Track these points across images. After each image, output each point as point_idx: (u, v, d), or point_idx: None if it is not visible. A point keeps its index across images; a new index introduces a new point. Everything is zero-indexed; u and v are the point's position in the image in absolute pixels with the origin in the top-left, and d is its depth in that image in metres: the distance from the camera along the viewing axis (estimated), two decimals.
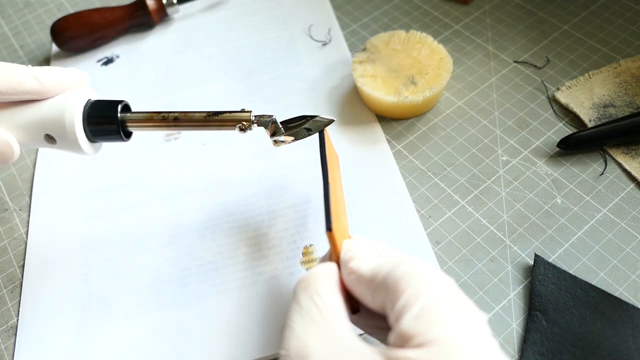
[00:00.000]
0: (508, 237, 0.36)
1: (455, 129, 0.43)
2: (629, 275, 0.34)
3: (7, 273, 0.39)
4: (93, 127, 0.32)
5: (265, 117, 0.32)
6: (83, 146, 0.32)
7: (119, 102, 0.32)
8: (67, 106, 0.31)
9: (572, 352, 0.31)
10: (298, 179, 0.41)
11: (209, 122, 0.32)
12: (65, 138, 0.31)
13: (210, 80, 0.49)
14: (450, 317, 0.22)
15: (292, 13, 0.54)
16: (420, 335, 0.21)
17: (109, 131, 0.32)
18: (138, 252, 0.39)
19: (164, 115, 0.32)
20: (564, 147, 0.39)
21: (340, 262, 0.28)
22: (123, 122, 0.32)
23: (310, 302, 0.25)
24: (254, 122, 0.32)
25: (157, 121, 0.32)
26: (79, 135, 0.31)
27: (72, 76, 0.32)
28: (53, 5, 0.61)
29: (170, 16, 0.56)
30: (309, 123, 0.33)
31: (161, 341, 0.34)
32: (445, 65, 0.42)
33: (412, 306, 0.22)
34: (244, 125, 0.32)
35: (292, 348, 0.23)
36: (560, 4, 0.50)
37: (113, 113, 0.32)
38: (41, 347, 0.35)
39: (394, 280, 0.24)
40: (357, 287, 0.26)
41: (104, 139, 0.33)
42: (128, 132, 0.34)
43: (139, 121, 0.33)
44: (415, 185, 0.40)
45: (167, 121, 0.32)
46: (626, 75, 0.43)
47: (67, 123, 0.31)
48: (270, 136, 0.33)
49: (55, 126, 0.31)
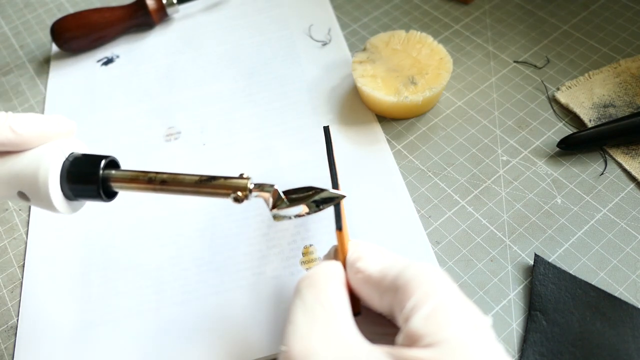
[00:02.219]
0: (508, 237, 0.36)
1: (455, 129, 0.43)
2: (629, 275, 0.34)
3: (7, 273, 0.39)
4: (72, 186, 0.29)
5: (266, 187, 0.28)
6: (57, 206, 0.29)
7: (103, 158, 0.29)
8: (43, 162, 0.28)
9: (572, 352, 0.31)
10: (298, 179, 0.41)
11: (200, 188, 0.28)
12: (39, 197, 0.28)
13: (210, 80, 0.49)
14: (459, 318, 0.22)
15: (292, 13, 0.54)
16: (430, 335, 0.21)
17: (87, 190, 0.29)
18: (138, 252, 0.39)
19: (151, 177, 0.29)
20: (564, 147, 0.39)
21: (346, 263, 0.27)
22: (106, 181, 0.29)
23: (315, 299, 0.25)
24: (251, 192, 0.28)
25: (142, 182, 0.29)
26: (53, 195, 0.28)
27: (56, 125, 0.29)
28: (53, 5, 0.61)
29: (170, 16, 0.56)
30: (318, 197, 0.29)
31: (161, 341, 0.34)
32: (445, 65, 0.42)
33: (422, 307, 0.22)
34: (239, 196, 0.28)
35: (295, 345, 0.23)
36: (560, 4, 0.50)
37: (94, 170, 0.28)
38: (41, 347, 0.35)
39: (403, 281, 0.24)
40: (364, 287, 0.26)
41: (84, 198, 0.30)
42: (112, 192, 0.30)
43: (123, 181, 0.29)
44: (415, 185, 0.40)
45: (153, 183, 0.29)
46: (626, 75, 0.43)
47: (41, 181, 0.27)
48: (271, 209, 0.29)
49: (28, 184, 0.28)
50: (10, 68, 0.54)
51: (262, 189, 0.28)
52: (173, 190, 0.29)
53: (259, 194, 0.28)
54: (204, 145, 0.44)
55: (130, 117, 0.47)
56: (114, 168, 0.30)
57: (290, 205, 0.29)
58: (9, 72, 0.54)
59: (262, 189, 0.28)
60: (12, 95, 0.52)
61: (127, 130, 0.46)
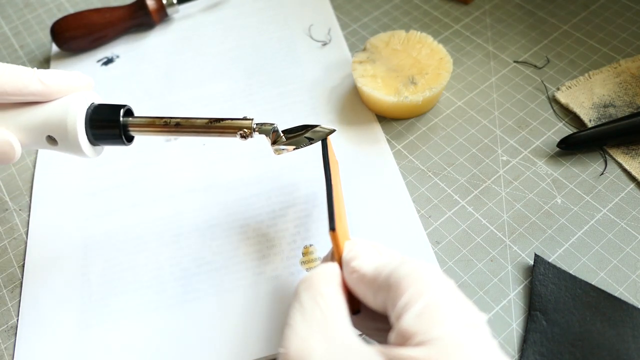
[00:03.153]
0: (508, 237, 0.36)
1: (455, 129, 0.43)
2: (629, 275, 0.34)
3: (7, 273, 0.39)
4: (95, 131, 0.32)
5: (267, 125, 0.32)
6: (84, 149, 0.32)
7: (122, 107, 0.33)
8: (70, 109, 0.31)
9: (572, 352, 0.31)
10: (298, 179, 0.41)
11: (211, 128, 0.32)
12: (67, 140, 0.31)
13: (210, 80, 0.49)
14: (451, 316, 0.22)
15: (292, 13, 0.54)
16: (421, 333, 0.21)
17: (110, 135, 0.32)
18: (138, 252, 0.39)
19: (166, 121, 0.32)
20: (564, 147, 0.39)
21: (342, 262, 0.28)
22: (125, 127, 0.32)
23: (313, 301, 0.25)
24: (255, 130, 0.32)
25: (158, 126, 0.33)
26: (81, 138, 0.31)
27: (77, 79, 0.32)
28: (53, 5, 0.61)
29: (170, 16, 0.56)
30: (310, 132, 0.34)
31: (161, 341, 0.34)
32: (445, 65, 0.42)
33: (413, 305, 0.22)
34: (245, 132, 0.32)
35: (293, 347, 0.23)
36: (560, 4, 0.50)
37: (115, 117, 0.32)
38: (41, 347, 0.35)
39: (396, 279, 0.24)
40: (359, 286, 0.26)
41: (105, 143, 0.33)
42: (130, 137, 0.34)
43: (141, 126, 0.33)
44: (415, 185, 0.40)
45: (168, 126, 0.32)
46: (626, 75, 0.43)
47: (70, 125, 0.31)
48: (272, 144, 0.33)
49: (57, 128, 0.31)
50: None
51: (264, 125, 0.32)
52: (186, 132, 0.32)
53: (261, 130, 0.32)
54: (204, 145, 0.44)
55: None
56: (131, 116, 0.33)
57: (287, 140, 0.33)
58: None
59: (264, 126, 0.32)
60: None
61: None
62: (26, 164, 0.46)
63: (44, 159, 0.45)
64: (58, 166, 0.45)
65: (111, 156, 0.44)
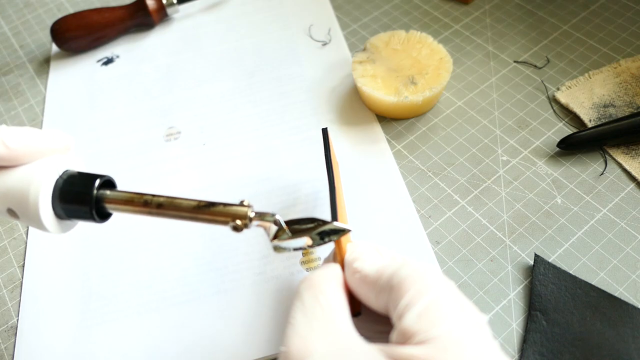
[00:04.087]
0: (508, 237, 0.36)
1: (455, 129, 0.43)
2: (629, 275, 0.34)
3: (7, 273, 0.39)
4: (64, 205, 0.27)
5: (267, 216, 0.27)
6: (47, 226, 0.27)
7: (99, 177, 0.28)
8: (35, 179, 0.26)
9: (572, 352, 0.31)
10: (298, 179, 0.41)
11: (198, 214, 0.27)
12: (28, 216, 0.27)
13: (210, 80, 0.49)
14: (452, 316, 0.22)
15: (292, 13, 0.54)
16: (422, 332, 0.22)
17: (80, 211, 0.27)
18: (138, 252, 0.39)
19: (146, 200, 0.27)
20: (564, 147, 0.39)
21: (344, 264, 0.28)
22: (100, 201, 0.27)
23: (314, 300, 0.25)
24: (251, 220, 0.26)
25: (137, 205, 0.27)
26: (43, 215, 0.27)
27: (51, 141, 0.27)
28: (53, 5, 0.61)
29: (170, 16, 0.56)
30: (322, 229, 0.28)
31: (161, 341, 0.34)
32: (445, 65, 0.42)
33: (414, 305, 0.22)
34: (238, 225, 0.26)
35: (294, 345, 0.23)
36: (560, 4, 0.50)
37: (88, 190, 0.27)
38: (41, 347, 0.35)
39: (398, 280, 0.24)
40: (361, 287, 0.26)
41: (77, 219, 0.28)
42: (106, 213, 0.29)
43: (118, 202, 0.28)
44: (415, 185, 0.40)
45: (149, 206, 0.27)
46: (626, 75, 0.43)
47: (31, 199, 0.26)
48: (271, 239, 0.28)
49: (18, 202, 0.26)
50: (10, 68, 0.54)
51: (263, 218, 0.27)
52: (170, 215, 0.27)
53: (259, 224, 0.27)
54: (204, 145, 0.44)
55: (130, 117, 0.47)
56: (109, 188, 0.28)
57: (292, 237, 0.28)
58: (9, 72, 0.54)
59: (262, 218, 0.27)
60: (12, 95, 0.52)
61: (127, 130, 0.46)
62: None
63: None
64: None
65: (111, 156, 0.44)
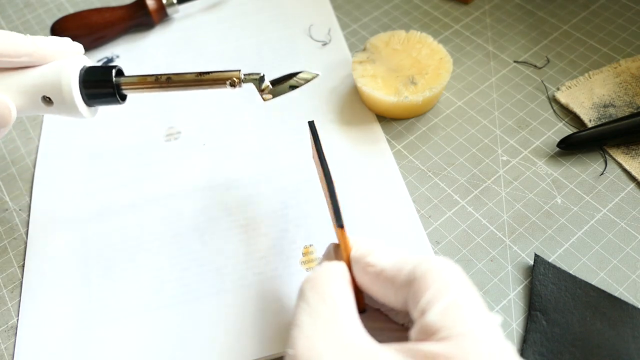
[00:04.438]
0: (508, 237, 0.36)
1: (455, 129, 0.43)
2: (629, 275, 0.34)
3: (7, 273, 0.39)
4: (89, 91, 0.33)
5: (254, 75, 0.34)
6: (79, 107, 0.33)
7: (113, 67, 0.34)
8: (64, 69, 0.32)
9: (572, 352, 0.31)
10: (298, 178, 0.41)
11: (201, 81, 0.33)
12: (62, 99, 0.32)
13: None
14: (474, 314, 0.22)
15: (292, 13, 0.54)
16: (447, 329, 0.22)
17: (104, 94, 0.33)
18: (138, 252, 0.39)
19: (157, 77, 0.34)
20: (564, 147, 0.39)
21: (351, 259, 0.27)
22: (118, 86, 0.34)
23: (321, 301, 0.24)
24: (243, 80, 0.33)
25: (150, 83, 0.34)
26: (76, 96, 0.32)
27: (68, 45, 0.33)
28: (53, 5, 0.61)
29: (170, 16, 0.56)
30: (294, 79, 0.35)
31: (161, 341, 0.34)
32: (445, 65, 0.42)
33: (439, 300, 0.22)
34: (234, 81, 0.33)
35: (302, 348, 0.23)
36: (560, 4, 0.50)
37: (108, 77, 0.33)
38: (41, 347, 0.35)
39: (420, 274, 0.24)
40: (376, 282, 0.26)
41: (100, 102, 0.34)
42: (123, 96, 0.35)
43: (133, 84, 0.34)
44: (415, 185, 0.40)
45: (159, 82, 0.33)
46: (626, 75, 0.43)
47: (64, 84, 0.32)
48: (260, 92, 0.35)
49: (52, 88, 0.32)
50: None
51: (251, 75, 0.34)
52: (177, 86, 0.34)
53: (249, 79, 0.34)
54: (204, 145, 0.44)
55: (130, 117, 0.47)
56: (122, 76, 0.34)
57: (274, 87, 0.35)
58: None
59: (251, 76, 0.34)
60: None
61: (127, 130, 0.46)
62: (26, 164, 0.46)
63: (44, 159, 0.45)
64: (58, 167, 0.45)
65: (111, 156, 0.45)
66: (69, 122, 0.48)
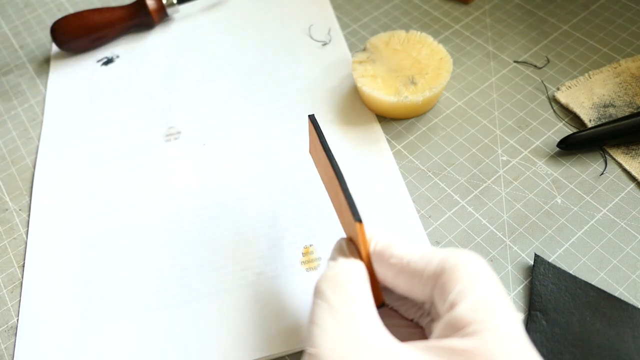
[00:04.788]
0: (508, 237, 0.36)
1: (455, 129, 0.43)
2: (629, 275, 0.34)
3: (7, 273, 0.39)
4: None
5: None
6: None
7: None
8: None
9: (572, 352, 0.31)
10: (298, 178, 0.41)
11: None
12: None
13: (210, 80, 0.49)
14: (502, 309, 0.22)
15: (292, 13, 0.54)
16: (476, 323, 0.21)
17: None
18: (138, 252, 0.39)
19: None
20: (564, 147, 0.39)
21: (372, 253, 0.27)
22: None
23: (342, 301, 0.24)
24: None
25: None
26: None
27: None
28: (53, 5, 0.61)
29: (170, 16, 0.56)
30: None
31: (161, 341, 0.34)
32: (445, 65, 0.42)
33: (469, 294, 0.22)
34: None
35: (326, 348, 0.22)
36: (560, 4, 0.50)
37: None
38: (41, 347, 0.35)
39: (450, 266, 0.24)
40: (400, 275, 0.25)
41: None
42: None
43: None
44: (415, 185, 0.40)
45: None
46: (626, 75, 0.43)
47: None
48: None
49: None
50: (10, 68, 0.54)
51: None
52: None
53: None
54: (204, 145, 0.44)
55: (130, 117, 0.47)
56: None
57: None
58: (9, 72, 0.54)
59: None
60: (12, 95, 0.52)
61: (127, 130, 0.46)
62: (26, 164, 0.46)
63: (44, 159, 0.45)
64: (58, 166, 0.45)
65: (111, 156, 0.45)
66: (69, 123, 0.48)
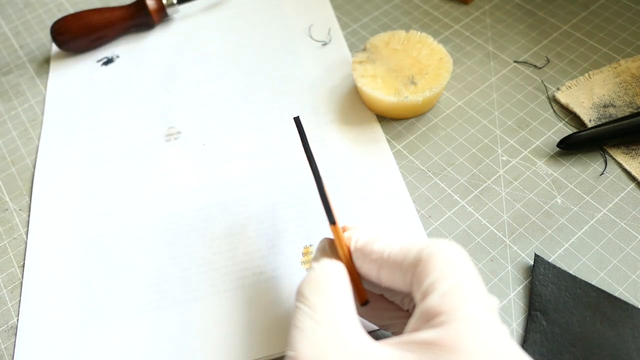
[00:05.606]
0: (508, 237, 0.36)
1: (455, 129, 0.43)
2: (629, 275, 0.34)
3: (7, 273, 0.39)
4: None
5: None
6: None
7: None
8: None
9: (572, 352, 0.31)
10: (297, 178, 0.41)
11: None
12: None
13: (210, 80, 0.49)
14: (474, 298, 0.22)
15: (292, 13, 0.54)
16: (445, 314, 0.22)
17: None
18: (138, 252, 0.39)
19: None
20: (564, 147, 0.39)
21: (353, 251, 0.27)
22: None
23: (321, 304, 0.24)
24: None
25: None
26: None
27: None
28: (53, 5, 0.61)
29: (170, 16, 0.56)
30: None
31: (161, 341, 0.34)
32: (445, 65, 0.42)
33: (441, 284, 0.22)
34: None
35: (305, 350, 0.23)
36: (560, 4, 0.50)
37: None
38: (41, 347, 0.35)
39: (426, 256, 0.24)
40: (383, 268, 0.26)
41: None
42: None
43: None
44: (415, 185, 0.40)
45: None
46: (626, 75, 0.43)
47: None
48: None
49: None
50: (10, 68, 0.54)
51: None
52: None
53: None
54: (204, 145, 0.44)
55: (130, 117, 0.47)
56: None
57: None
58: (9, 72, 0.54)
59: None
60: (12, 95, 0.52)
61: (127, 130, 0.46)
62: (26, 164, 0.46)
63: (44, 159, 0.45)
64: (58, 166, 0.45)
65: (111, 156, 0.44)
66: (69, 123, 0.48)
